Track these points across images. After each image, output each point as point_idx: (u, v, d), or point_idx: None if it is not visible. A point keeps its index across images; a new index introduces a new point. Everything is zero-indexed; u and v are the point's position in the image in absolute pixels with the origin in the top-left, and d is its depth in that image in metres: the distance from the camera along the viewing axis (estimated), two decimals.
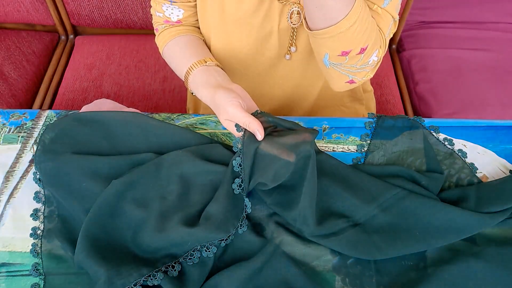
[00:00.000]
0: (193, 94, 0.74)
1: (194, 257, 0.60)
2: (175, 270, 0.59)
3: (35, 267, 0.62)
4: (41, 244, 0.64)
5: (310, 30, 0.65)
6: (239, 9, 0.74)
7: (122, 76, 1.27)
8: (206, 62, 0.73)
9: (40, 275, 0.61)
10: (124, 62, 1.30)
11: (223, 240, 0.61)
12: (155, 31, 0.85)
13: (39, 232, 0.65)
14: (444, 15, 1.41)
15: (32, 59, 1.31)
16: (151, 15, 0.84)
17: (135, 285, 0.56)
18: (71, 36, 1.42)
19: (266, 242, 0.63)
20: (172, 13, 0.80)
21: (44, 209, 0.67)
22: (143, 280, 0.57)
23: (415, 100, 1.30)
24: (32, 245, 0.64)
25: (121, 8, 1.29)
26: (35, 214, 0.67)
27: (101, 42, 1.34)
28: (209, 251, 0.60)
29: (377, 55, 0.68)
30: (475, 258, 0.61)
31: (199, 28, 0.83)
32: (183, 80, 0.76)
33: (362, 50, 0.65)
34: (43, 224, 0.66)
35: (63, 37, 1.42)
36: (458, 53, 1.33)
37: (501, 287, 0.59)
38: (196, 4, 0.79)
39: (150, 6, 0.82)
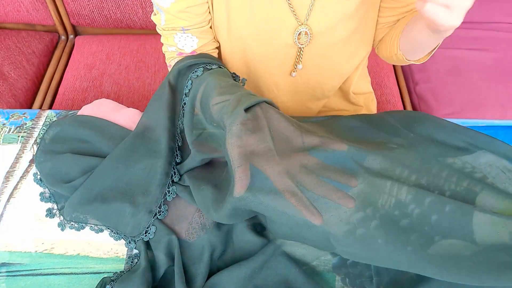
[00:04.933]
0: None
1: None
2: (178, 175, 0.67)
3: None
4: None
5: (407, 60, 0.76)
6: (245, 25, 0.73)
7: (122, 76, 1.27)
8: None
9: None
10: (124, 62, 1.30)
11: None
12: (168, 67, 0.80)
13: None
14: None
15: (32, 59, 1.31)
16: (153, 14, 0.78)
17: (159, 207, 0.65)
18: (71, 36, 1.42)
19: (266, 242, 0.63)
20: (185, 44, 0.75)
21: (57, 206, 0.68)
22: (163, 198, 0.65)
23: (415, 100, 1.30)
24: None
25: (121, 8, 1.29)
26: (49, 213, 0.68)
27: (101, 42, 1.34)
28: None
29: None
30: None
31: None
32: None
33: None
34: (63, 219, 0.67)
35: (63, 37, 1.42)
36: (458, 53, 1.33)
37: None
38: (210, 29, 0.76)
39: (150, 6, 0.81)
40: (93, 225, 0.66)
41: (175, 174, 0.67)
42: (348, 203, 0.55)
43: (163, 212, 0.66)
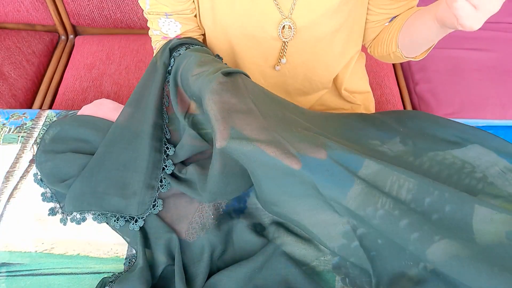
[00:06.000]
0: None
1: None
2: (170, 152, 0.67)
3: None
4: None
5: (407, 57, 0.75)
6: (229, 15, 0.73)
7: (122, 76, 1.27)
8: None
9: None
10: (124, 62, 1.30)
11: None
12: (154, 50, 0.82)
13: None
14: None
15: (32, 59, 1.31)
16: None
17: (160, 181, 0.65)
18: (71, 36, 1.42)
19: (266, 242, 0.63)
20: (169, 28, 0.76)
21: (60, 205, 0.68)
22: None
23: (415, 100, 1.30)
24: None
25: (121, 8, 1.29)
26: (52, 211, 0.68)
27: (101, 42, 1.34)
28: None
29: None
30: None
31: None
32: None
33: None
34: (67, 217, 0.67)
35: (63, 37, 1.42)
36: (458, 53, 1.33)
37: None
38: (195, 17, 0.77)
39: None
40: (95, 215, 0.66)
41: (168, 149, 0.67)
42: (322, 155, 0.57)
43: (165, 185, 0.66)
